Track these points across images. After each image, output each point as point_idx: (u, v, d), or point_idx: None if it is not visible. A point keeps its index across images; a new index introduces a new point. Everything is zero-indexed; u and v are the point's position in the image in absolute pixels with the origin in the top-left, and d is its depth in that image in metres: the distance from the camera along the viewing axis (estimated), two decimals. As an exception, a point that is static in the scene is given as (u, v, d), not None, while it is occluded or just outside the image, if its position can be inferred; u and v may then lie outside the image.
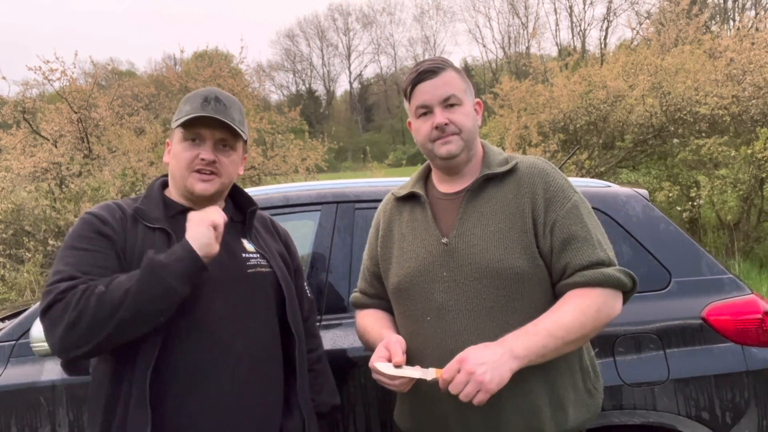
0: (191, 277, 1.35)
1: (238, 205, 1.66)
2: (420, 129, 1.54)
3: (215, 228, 1.39)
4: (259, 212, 1.71)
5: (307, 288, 1.79)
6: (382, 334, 1.54)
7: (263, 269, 1.55)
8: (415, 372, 1.36)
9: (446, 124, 1.49)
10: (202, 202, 1.53)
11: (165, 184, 1.60)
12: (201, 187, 1.50)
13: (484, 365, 1.26)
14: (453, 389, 1.29)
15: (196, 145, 1.50)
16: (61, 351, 1.32)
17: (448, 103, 1.49)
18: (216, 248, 1.39)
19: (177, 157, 1.51)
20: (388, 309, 1.68)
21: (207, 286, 1.42)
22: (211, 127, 1.49)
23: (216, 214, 1.42)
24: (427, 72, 1.50)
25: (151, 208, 1.49)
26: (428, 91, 1.50)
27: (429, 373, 1.36)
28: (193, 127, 1.49)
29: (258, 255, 1.56)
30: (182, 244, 1.36)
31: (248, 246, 1.57)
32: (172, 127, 1.55)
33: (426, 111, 1.52)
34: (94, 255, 1.38)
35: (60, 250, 1.41)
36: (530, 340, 1.32)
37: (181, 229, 1.45)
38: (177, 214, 1.51)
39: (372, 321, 1.64)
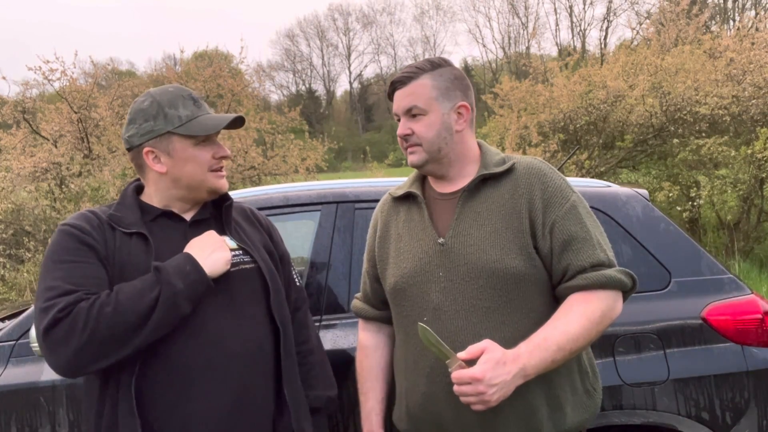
0: (198, 299, 1.39)
1: (215, 200, 1.62)
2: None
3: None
4: (239, 204, 1.69)
5: (295, 276, 1.75)
6: (371, 416, 1.62)
7: (247, 266, 1.54)
8: (446, 348, 1.31)
9: (408, 135, 1.51)
10: (201, 199, 1.55)
11: (137, 190, 1.57)
12: (222, 182, 1.54)
13: (495, 387, 1.26)
14: (457, 391, 1.29)
15: (207, 145, 1.51)
16: (69, 371, 1.31)
17: (411, 114, 1.51)
18: None
19: (194, 161, 1.48)
20: (389, 320, 1.67)
21: None
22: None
23: (228, 251, 1.47)
24: (397, 82, 1.53)
25: (125, 214, 1.47)
26: (396, 101, 1.54)
27: (453, 360, 1.30)
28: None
29: (240, 251, 1.54)
30: (197, 268, 1.38)
31: (230, 243, 1.54)
32: (176, 134, 1.47)
33: (399, 119, 1.55)
34: (83, 266, 1.35)
35: (44, 266, 1.36)
36: (541, 356, 1.32)
37: (160, 233, 1.46)
38: (156, 218, 1.50)
39: (368, 370, 1.67)
